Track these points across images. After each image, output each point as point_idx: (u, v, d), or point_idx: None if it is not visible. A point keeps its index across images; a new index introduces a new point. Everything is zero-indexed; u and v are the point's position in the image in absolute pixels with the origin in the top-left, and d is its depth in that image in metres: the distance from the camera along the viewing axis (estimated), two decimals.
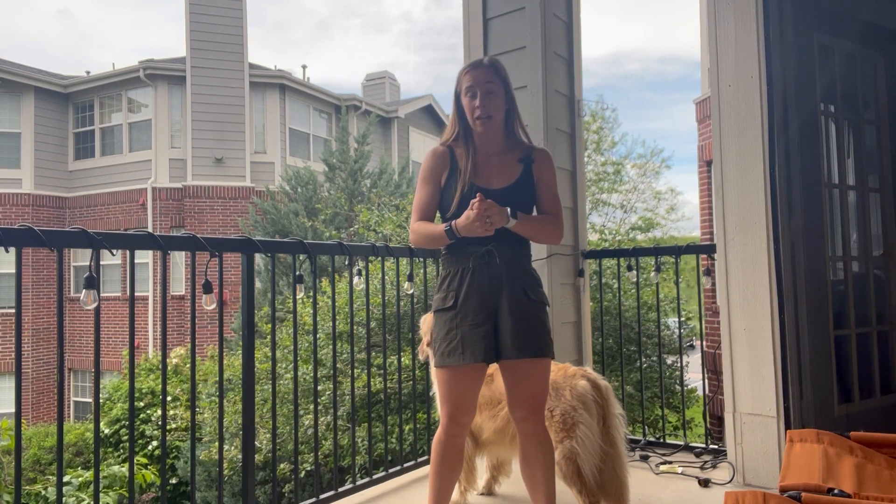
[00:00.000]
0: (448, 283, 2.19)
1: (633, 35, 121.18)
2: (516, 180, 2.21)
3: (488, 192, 2.14)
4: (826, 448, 1.89)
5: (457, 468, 2.29)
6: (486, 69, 2.20)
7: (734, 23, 3.00)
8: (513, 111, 2.25)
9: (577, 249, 3.73)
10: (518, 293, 2.15)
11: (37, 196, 15.03)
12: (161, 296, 2.67)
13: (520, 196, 2.20)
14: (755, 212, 2.94)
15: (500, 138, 2.26)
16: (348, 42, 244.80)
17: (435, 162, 2.24)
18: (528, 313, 2.15)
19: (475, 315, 2.13)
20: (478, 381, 2.21)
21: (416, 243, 2.25)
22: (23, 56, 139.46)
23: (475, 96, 2.17)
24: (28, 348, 14.30)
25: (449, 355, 2.14)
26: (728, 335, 3.02)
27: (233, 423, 6.88)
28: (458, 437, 2.23)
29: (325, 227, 11.80)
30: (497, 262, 2.15)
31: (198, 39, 14.57)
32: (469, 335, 2.11)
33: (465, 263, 2.17)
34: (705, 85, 9.11)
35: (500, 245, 2.15)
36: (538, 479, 2.19)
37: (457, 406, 2.19)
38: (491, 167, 2.22)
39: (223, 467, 3.04)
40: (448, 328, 2.15)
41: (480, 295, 2.14)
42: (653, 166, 15.33)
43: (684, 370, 6.52)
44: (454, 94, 2.25)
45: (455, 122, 2.26)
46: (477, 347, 2.11)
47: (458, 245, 2.17)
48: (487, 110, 2.16)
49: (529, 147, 2.29)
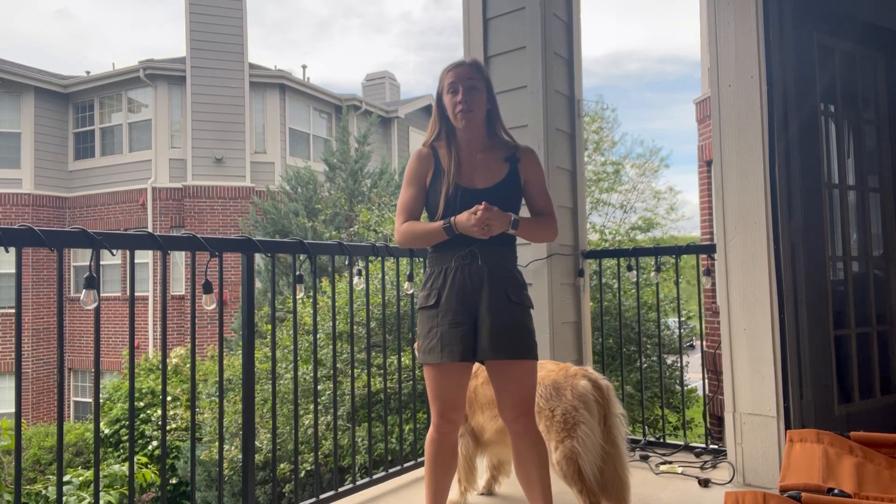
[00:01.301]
0: (432, 281, 2.21)
1: (633, 35, 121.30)
2: (502, 180, 2.22)
3: (473, 193, 2.15)
4: (826, 448, 1.89)
5: (451, 466, 2.29)
6: (468, 67, 2.21)
7: (734, 23, 3.00)
8: (494, 111, 2.26)
9: (577, 249, 3.73)
10: (499, 295, 2.16)
11: (37, 196, 15.04)
12: (161, 296, 2.67)
13: (505, 195, 2.20)
14: (755, 212, 2.94)
15: (483, 136, 2.26)
16: (348, 42, 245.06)
17: (419, 163, 2.25)
18: (508, 315, 2.15)
19: (455, 314, 2.14)
20: (464, 378, 2.22)
21: (404, 243, 2.25)
22: (23, 56, 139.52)
23: (457, 92, 2.18)
24: (28, 348, 14.30)
25: (429, 353, 2.16)
26: (728, 335, 3.02)
27: (233, 423, 6.88)
28: (449, 434, 2.24)
29: (325, 227, 11.80)
30: (479, 263, 2.16)
31: (198, 39, 14.57)
32: (448, 334, 2.13)
33: (448, 263, 2.18)
34: (705, 85, 9.11)
35: (483, 246, 2.16)
36: (533, 479, 2.19)
37: (445, 403, 2.20)
38: (475, 166, 2.22)
39: (223, 467, 3.04)
40: (430, 326, 2.17)
41: (461, 295, 2.15)
42: (652, 166, 15.33)
43: (684, 370, 6.52)
44: (436, 94, 2.26)
45: (437, 121, 2.26)
46: (455, 347, 2.12)
47: (443, 245, 2.19)
48: (469, 104, 2.17)
49: (514, 146, 2.29)
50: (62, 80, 15.76)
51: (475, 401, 2.69)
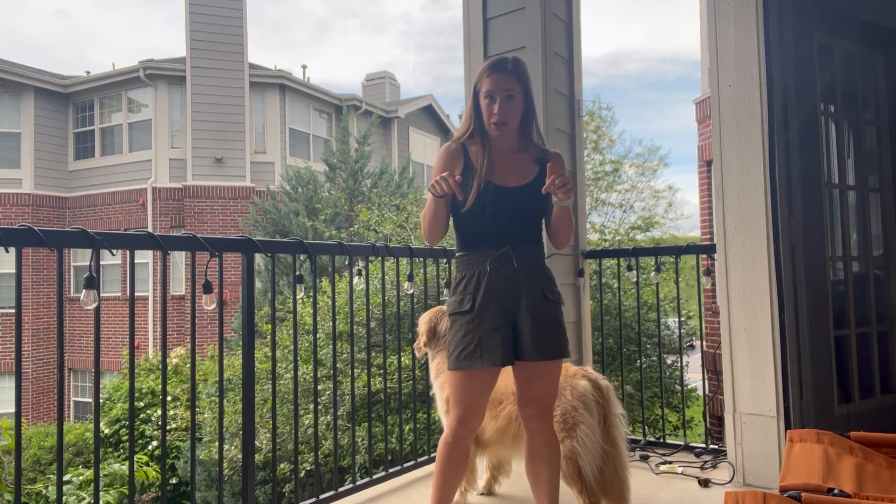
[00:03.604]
0: (464, 286, 2.17)
1: (633, 35, 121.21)
2: (533, 180, 2.20)
3: (504, 190, 2.14)
4: (826, 448, 1.89)
5: (461, 470, 2.29)
6: (509, 75, 2.17)
7: (734, 23, 3.00)
8: (530, 113, 2.24)
9: (577, 249, 3.73)
10: (536, 294, 2.15)
11: (37, 196, 15.03)
12: (161, 296, 2.67)
13: (536, 195, 2.18)
14: (755, 212, 2.94)
15: (515, 138, 2.25)
16: (348, 42, 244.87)
17: (448, 158, 2.22)
18: (547, 314, 2.15)
19: (494, 318, 2.12)
20: (491, 385, 2.21)
21: (424, 233, 2.22)
22: (23, 56, 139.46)
23: (494, 101, 2.16)
24: (28, 348, 14.29)
25: (466, 358, 2.12)
26: (728, 335, 3.02)
27: (233, 423, 6.88)
28: (465, 439, 2.23)
29: (325, 227, 11.80)
30: (514, 265, 2.14)
31: (198, 39, 14.57)
32: (487, 339, 2.10)
33: (481, 266, 2.15)
34: (705, 85, 9.11)
35: (516, 246, 2.15)
36: (543, 478, 2.19)
37: (468, 409, 2.18)
38: (507, 165, 2.21)
39: (223, 467, 3.04)
40: (465, 331, 2.13)
41: (499, 298, 2.13)
42: (651, 165, 15.33)
43: (684, 370, 6.52)
44: (473, 89, 2.24)
45: (471, 118, 2.24)
46: (495, 352, 2.10)
47: (475, 246, 2.18)
48: (504, 118, 2.16)
49: (544, 150, 2.29)
50: (62, 80, 15.76)
51: None
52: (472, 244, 2.18)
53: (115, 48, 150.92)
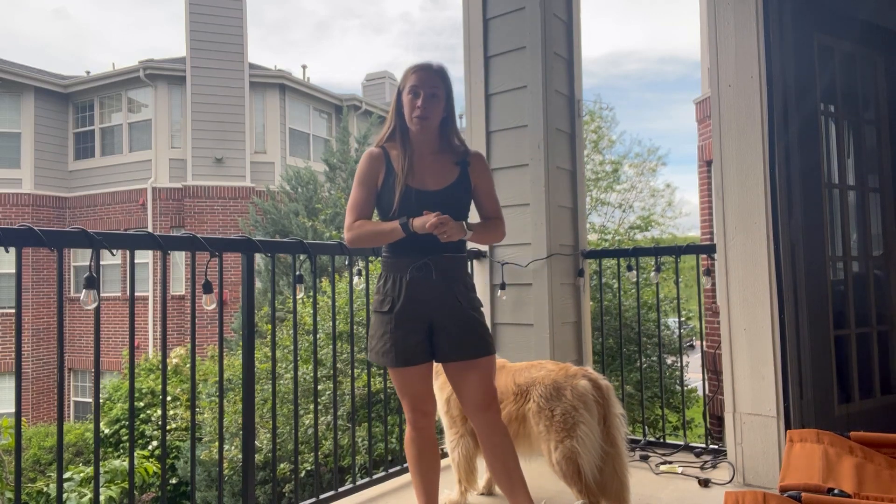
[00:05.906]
0: (387, 287, 2.23)
1: (633, 35, 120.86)
2: (453, 182, 2.24)
3: (425, 194, 2.18)
4: (826, 448, 1.89)
5: (435, 462, 2.32)
6: (434, 73, 2.22)
7: (734, 23, 3.00)
8: (450, 119, 2.28)
9: (577, 249, 3.74)
10: (453, 304, 2.21)
11: (37, 196, 15.04)
12: (161, 296, 2.67)
13: (457, 197, 2.24)
14: (755, 212, 2.94)
15: (435, 140, 2.28)
16: (348, 42, 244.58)
17: (370, 164, 2.25)
18: (464, 319, 2.21)
19: (410, 323, 2.19)
20: (427, 373, 2.27)
21: (355, 241, 2.23)
22: (22, 56, 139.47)
23: (417, 96, 2.19)
24: (28, 348, 14.29)
25: (382, 356, 2.22)
26: (728, 335, 3.02)
27: (233, 423, 6.88)
28: (426, 428, 2.28)
29: (325, 227, 11.80)
30: (433, 277, 2.18)
31: (198, 39, 14.57)
32: (402, 342, 2.18)
33: (402, 272, 2.20)
34: (705, 85, 9.12)
35: (437, 257, 2.18)
36: (512, 468, 2.22)
37: (414, 396, 2.25)
38: (426, 168, 2.24)
39: (223, 467, 3.04)
40: (383, 331, 2.21)
41: (416, 307, 2.19)
42: (650, 165, 15.34)
43: (684, 370, 6.52)
44: (397, 89, 2.28)
45: (393, 118, 2.28)
46: (408, 353, 2.18)
47: (398, 252, 2.21)
48: (426, 112, 2.19)
49: (465, 151, 2.31)
50: (62, 80, 15.76)
51: None
52: (395, 248, 2.22)
53: (115, 48, 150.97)
